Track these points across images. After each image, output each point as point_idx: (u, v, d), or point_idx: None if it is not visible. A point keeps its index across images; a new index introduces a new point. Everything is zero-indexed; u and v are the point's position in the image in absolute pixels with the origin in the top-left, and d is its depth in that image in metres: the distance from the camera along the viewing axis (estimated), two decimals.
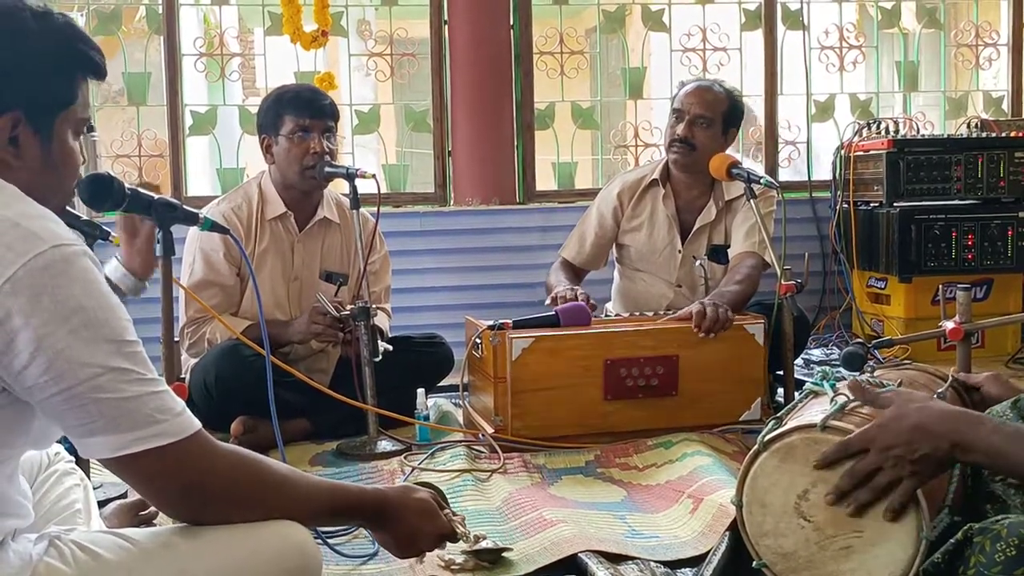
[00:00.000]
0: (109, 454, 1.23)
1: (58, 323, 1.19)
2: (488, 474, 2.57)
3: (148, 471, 1.26)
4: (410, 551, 1.57)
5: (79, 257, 1.23)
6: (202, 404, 2.91)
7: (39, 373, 1.19)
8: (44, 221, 1.24)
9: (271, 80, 4.61)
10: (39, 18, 1.30)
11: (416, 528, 1.52)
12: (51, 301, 1.19)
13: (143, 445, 1.23)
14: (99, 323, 1.22)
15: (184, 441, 1.26)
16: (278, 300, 3.11)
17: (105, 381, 1.21)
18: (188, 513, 1.32)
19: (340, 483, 1.51)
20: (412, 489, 1.57)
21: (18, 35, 1.28)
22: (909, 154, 4.22)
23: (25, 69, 1.28)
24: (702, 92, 3.34)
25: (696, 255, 3.36)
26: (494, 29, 4.61)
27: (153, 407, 1.24)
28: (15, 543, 1.26)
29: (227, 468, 1.31)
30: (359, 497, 1.48)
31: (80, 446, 1.25)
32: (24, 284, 1.18)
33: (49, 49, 1.30)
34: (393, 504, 1.50)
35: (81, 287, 1.21)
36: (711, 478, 2.37)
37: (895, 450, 1.50)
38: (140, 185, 2.47)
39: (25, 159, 1.30)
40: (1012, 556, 1.26)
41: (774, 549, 1.68)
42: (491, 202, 4.58)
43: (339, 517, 1.55)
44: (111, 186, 2.06)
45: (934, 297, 4.13)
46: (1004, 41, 5.18)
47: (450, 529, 1.58)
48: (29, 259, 1.19)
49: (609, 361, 2.81)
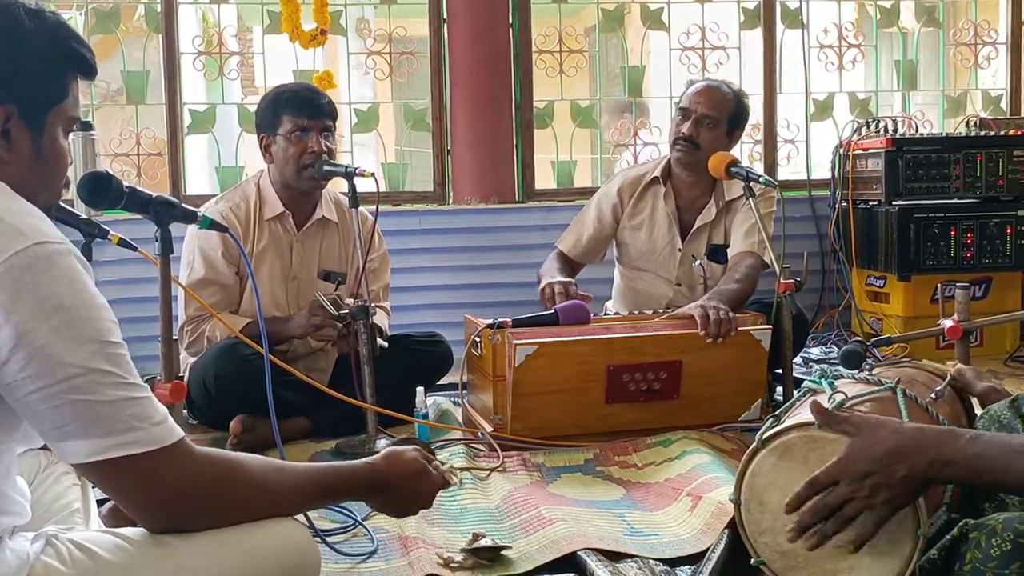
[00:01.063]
0: (81, 459, 1.21)
1: (39, 320, 1.17)
2: (487, 472, 2.57)
3: (121, 481, 1.23)
4: (408, 512, 1.58)
5: (63, 255, 1.22)
6: (201, 403, 2.91)
7: (18, 370, 1.18)
8: (29, 218, 1.23)
9: (270, 79, 4.62)
10: (32, 16, 1.31)
11: (412, 490, 1.53)
12: (32, 298, 1.18)
13: (115, 452, 1.20)
14: (81, 322, 1.20)
15: (160, 451, 1.23)
16: (276, 300, 3.10)
17: (82, 382, 1.19)
18: (171, 525, 1.29)
19: (327, 467, 1.49)
20: (398, 452, 1.55)
21: (12, 31, 1.29)
22: (908, 153, 4.22)
23: (19, 64, 1.29)
24: (711, 92, 3.34)
25: (696, 254, 3.36)
26: (493, 28, 4.61)
27: (130, 413, 1.22)
28: (12, 542, 1.26)
29: (209, 480, 1.28)
30: (348, 477, 1.47)
31: (56, 450, 1.23)
32: (5, 280, 1.17)
33: (43, 46, 1.31)
34: (384, 474, 1.50)
35: (64, 285, 1.20)
36: (710, 476, 2.37)
37: (872, 477, 1.47)
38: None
39: (16, 154, 1.31)
40: (1008, 551, 1.26)
41: (772, 547, 1.69)
42: (490, 201, 4.59)
43: (332, 501, 1.55)
44: (109, 184, 2.06)
45: (933, 295, 4.13)
46: (1003, 40, 5.19)
47: (443, 481, 1.59)
48: (10, 255, 1.18)
49: (612, 367, 2.78)
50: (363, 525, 2.15)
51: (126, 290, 4.01)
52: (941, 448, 1.44)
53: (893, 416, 1.74)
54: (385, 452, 1.56)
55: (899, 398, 1.80)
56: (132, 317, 3.49)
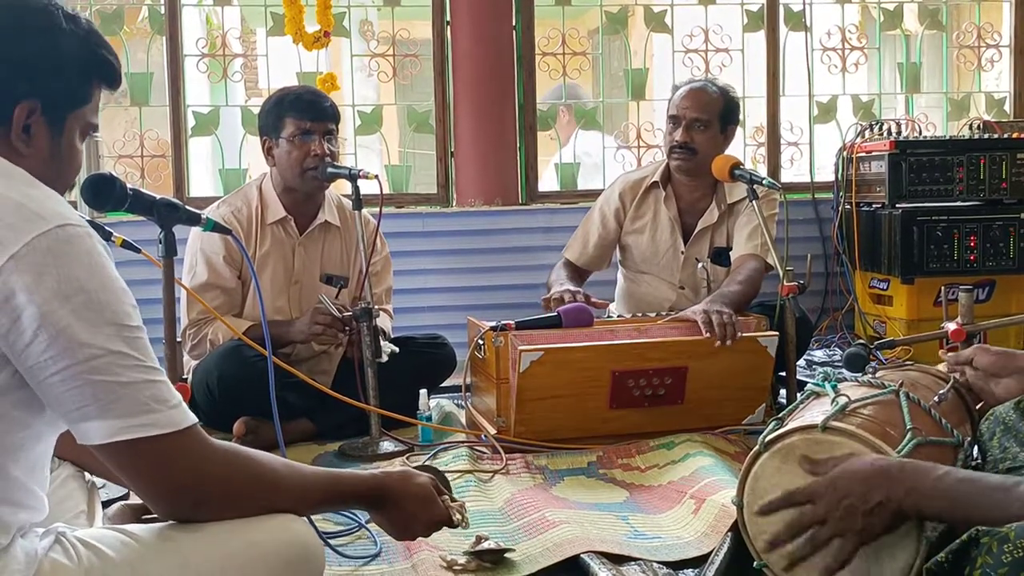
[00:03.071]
0: (100, 440, 1.22)
1: (60, 301, 1.19)
2: (490, 475, 2.57)
3: (138, 463, 1.25)
4: (405, 536, 1.58)
5: (83, 238, 1.23)
6: (204, 405, 2.92)
7: (40, 351, 1.19)
8: (49, 202, 1.25)
9: (273, 81, 4.62)
10: (69, 19, 1.35)
11: (412, 515, 1.53)
12: (54, 280, 1.19)
13: (134, 433, 1.22)
14: (101, 305, 1.22)
15: (177, 434, 1.25)
16: (278, 304, 3.10)
17: (102, 363, 1.20)
18: (180, 511, 1.31)
19: (337, 473, 1.51)
20: (412, 475, 1.56)
21: (50, 31, 1.33)
22: (911, 155, 4.22)
23: (51, 63, 1.33)
24: (696, 95, 3.34)
25: (699, 257, 3.36)
26: (496, 30, 4.62)
27: (148, 395, 1.23)
28: (23, 539, 1.26)
29: (221, 467, 1.30)
30: (355, 485, 1.48)
31: (75, 432, 1.24)
32: (27, 262, 1.19)
33: (75, 49, 1.35)
34: (391, 490, 1.51)
35: (85, 268, 1.22)
36: (713, 479, 2.37)
37: (848, 500, 1.48)
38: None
39: (34, 149, 1.33)
40: (1019, 558, 1.25)
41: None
42: (493, 203, 4.59)
43: (336, 506, 1.56)
44: (113, 186, 2.07)
45: (936, 298, 4.12)
46: (1006, 43, 5.18)
47: (447, 516, 1.58)
48: (32, 238, 1.20)
49: (617, 372, 2.76)
50: (366, 528, 2.15)
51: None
52: (917, 480, 1.46)
53: (896, 419, 1.74)
54: (400, 470, 1.58)
55: (902, 401, 1.80)
56: None
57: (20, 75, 1.31)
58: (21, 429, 1.25)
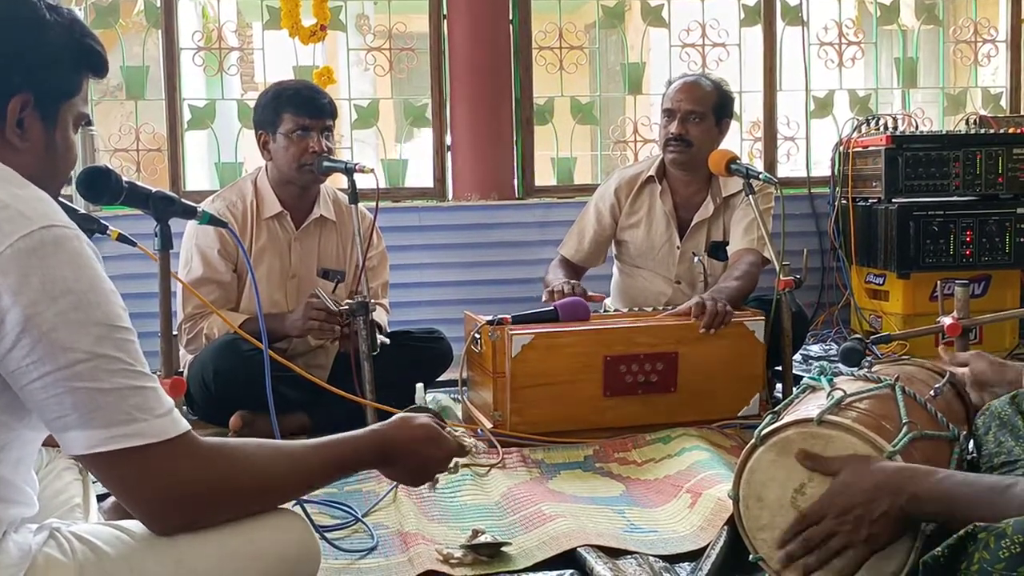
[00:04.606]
0: (81, 451, 1.18)
1: (47, 303, 1.16)
2: (487, 469, 2.57)
3: (122, 475, 1.20)
4: (422, 480, 1.56)
5: (70, 239, 1.21)
6: (200, 399, 2.91)
7: (22, 356, 1.16)
8: (36, 203, 1.22)
9: (270, 74, 4.61)
10: (51, 10, 1.34)
11: (426, 456, 1.51)
12: (39, 282, 1.16)
13: (115, 444, 1.17)
14: (90, 305, 1.19)
15: (163, 445, 1.20)
16: (275, 299, 3.09)
17: (85, 369, 1.16)
18: (172, 526, 1.26)
19: (337, 445, 1.44)
20: (409, 418, 1.53)
21: (34, 22, 1.31)
22: (908, 150, 4.22)
23: (41, 55, 1.31)
24: (690, 88, 3.34)
25: (695, 251, 3.36)
26: (493, 24, 4.61)
27: (133, 403, 1.19)
28: (16, 534, 1.25)
29: (215, 479, 1.26)
30: (356, 448, 1.44)
31: (59, 441, 1.21)
32: (12, 264, 1.16)
33: (62, 39, 1.34)
34: (395, 441, 1.48)
35: (71, 269, 1.19)
36: (710, 472, 2.37)
37: (855, 511, 1.50)
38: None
39: (29, 143, 1.32)
40: (1016, 553, 1.25)
41: (771, 543, 1.68)
42: (490, 197, 4.58)
43: (344, 474, 1.50)
44: (108, 179, 2.06)
45: (932, 293, 4.13)
46: (1003, 38, 5.18)
47: (457, 446, 1.57)
48: (17, 239, 1.17)
49: (609, 357, 2.81)
50: (363, 521, 2.15)
51: (125, 286, 3.92)
52: (917, 485, 1.47)
53: (892, 413, 1.74)
54: (395, 418, 1.53)
55: (898, 395, 1.80)
56: (131, 313, 3.45)
57: (12, 68, 1.29)
58: (5, 432, 1.22)
